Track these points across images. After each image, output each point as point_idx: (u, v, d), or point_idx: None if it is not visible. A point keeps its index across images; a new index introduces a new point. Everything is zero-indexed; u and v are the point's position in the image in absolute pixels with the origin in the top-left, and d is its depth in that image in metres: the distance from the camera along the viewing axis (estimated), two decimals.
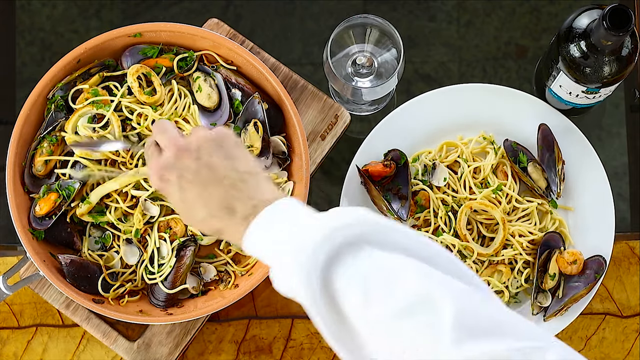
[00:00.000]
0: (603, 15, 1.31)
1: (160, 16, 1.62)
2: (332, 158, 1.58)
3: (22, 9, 1.63)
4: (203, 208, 1.16)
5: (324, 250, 1.04)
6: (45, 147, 1.45)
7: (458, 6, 1.63)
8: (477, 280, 1.05)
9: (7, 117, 1.60)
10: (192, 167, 1.17)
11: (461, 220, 1.49)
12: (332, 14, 1.62)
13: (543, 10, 1.63)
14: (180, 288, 1.45)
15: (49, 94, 1.45)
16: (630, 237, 1.57)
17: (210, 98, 1.47)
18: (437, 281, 1.02)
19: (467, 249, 1.49)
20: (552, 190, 1.52)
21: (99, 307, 1.42)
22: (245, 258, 1.50)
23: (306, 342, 1.55)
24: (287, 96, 1.46)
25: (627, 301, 1.56)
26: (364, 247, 1.05)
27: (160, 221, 1.47)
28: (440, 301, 0.99)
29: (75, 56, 1.45)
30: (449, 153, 1.54)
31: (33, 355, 1.55)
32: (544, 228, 1.52)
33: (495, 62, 1.62)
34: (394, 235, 1.06)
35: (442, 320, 0.97)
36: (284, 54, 1.61)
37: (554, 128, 1.52)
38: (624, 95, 1.61)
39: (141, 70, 1.46)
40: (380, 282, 1.02)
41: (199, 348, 1.55)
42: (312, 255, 1.04)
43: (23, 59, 1.62)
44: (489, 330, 0.97)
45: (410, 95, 1.55)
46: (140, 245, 1.47)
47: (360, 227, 1.06)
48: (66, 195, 1.44)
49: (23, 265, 1.47)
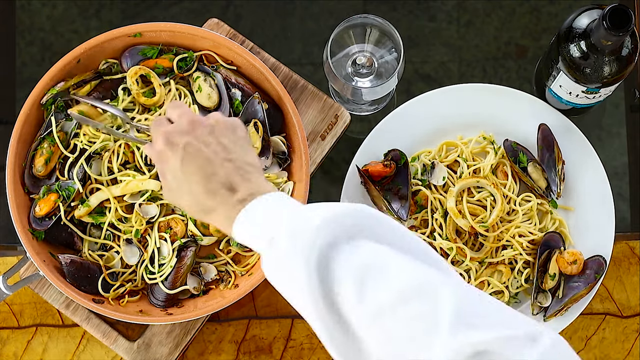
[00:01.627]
0: (603, 15, 1.31)
1: (160, 16, 1.62)
2: (332, 158, 1.58)
3: (22, 9, 1.63)
4: (198, 183, 1.15)
5: (322, 235, 1.03)
6: (46, 147, 1.45)
7: (458, 6, 1.63)
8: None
9: (7, 117, 1.60)
10: (204, 139, 1.17)
11: (450, 225, 1.49)
12: (332, 14, 1.62)
13: (543, 10, 1.63)
14: (181, 289, 1.45)
15: (42, 99, 1.45)
16: (630, 237, 1.57)
17: (210, 98, 1.47)
18: (435, 272, 1.02)
19: (459, 254, 1.49)
20: (552, 190, 1.52)
21: (99, 307, 1.42)
22: (245, 258, 1.50)
23: (306, 342, 1.56)
24: (287, 96, 1.46)
25: (627, 301, 1.55)
26: (361, 238, 1.04)
27: (160, 221, 1.47)
28: (440, 289, 0.98)
29: (75, 56, 1.45)
30: (448, 153, 1.54)
31: (33, 355, 1.55)
32: (544, 228, 1.52)
33: (495, 62, 1.62)
34: (389, 230, 1.06)
35: (441, 309, 0.97)
36: (284, 54, 1.61)
37: (554, 128, 1.52)
38: (624, 95, 1.61)
39: (140, 71, 1.46)
40: (377, 271, 1.01)
41: (199, 348, 1.55)
42: (310, 239, 1.03)
43: (23, 59, 1.62)
44: (487, 320, 0.97)
45: (410, 95, 1.55)
46: (140, 245, 1.47)
47: (358, 219, 1.05)
48: (66, 196, 1.44)
49: (23, 265, 1.47)
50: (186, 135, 1.18)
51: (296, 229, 1.05)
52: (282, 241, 1.06)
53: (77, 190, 1.44)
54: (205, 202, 1.15)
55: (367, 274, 1.01)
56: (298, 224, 1.05)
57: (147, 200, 1.45)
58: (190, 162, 1.16)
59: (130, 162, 1.47)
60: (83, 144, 1.45)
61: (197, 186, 1.15)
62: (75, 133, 1.46)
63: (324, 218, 1.04)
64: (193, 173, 1.16)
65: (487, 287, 1.50)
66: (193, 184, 1.16)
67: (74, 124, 1.46)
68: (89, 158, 1.46)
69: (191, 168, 1.16)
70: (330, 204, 1.08)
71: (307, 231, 1.04)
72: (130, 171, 1.46)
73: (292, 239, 1.05)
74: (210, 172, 1.15)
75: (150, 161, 1.46)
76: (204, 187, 1.15)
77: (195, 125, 1.19)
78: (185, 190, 1.17)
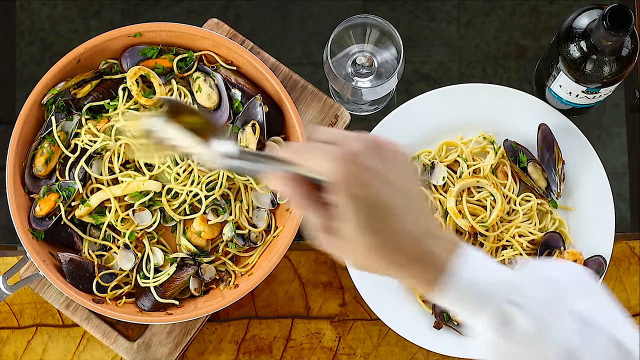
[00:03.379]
0: (603, 15, 1.31)
1: (160, 16, 1.62)
2: None
3: (22, 9, 1.63)
4: (402, 217, 0.91)
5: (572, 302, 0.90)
6: (46, 147, 1.45)
7: (458, 6, 1.63)
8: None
9: (7, 117, 1.60)
10: (392, 167, 0.92)
11: (450, 225, 1.49)
12: (332, 14, 1.62)
13: (543, 10, 1.63)
14: (169, 302, 1.45)
15: (42, 99, 1.45)
16: (630, 237, 1.57)
17: (210, 98, 1.47)
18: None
19: None
20: (552, 190, 1.52)
21: (98, 307, 1.42)
22: (244, 258, 1.50)
23: (306, 342, 1.56)
24: (287, 96, 1.46)
25: (627, 301, 1.55)
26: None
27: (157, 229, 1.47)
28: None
29: (75, 56, 1.45)
30: (448, 153, 1.54)
31: (33, 355, 1.55)
32: (544, 228, 1.52)
33: (495, 62, 1.62)
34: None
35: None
36: (284, 54, 1.61)
37: (554, 128, 1.52)
38: (624, 95, 1.61)
39: (140, 71, 1.46)
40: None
41: (199, 348, 1.55)
42: (561, 305, 0.89)
43: (23, 59, 1.62)
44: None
45: (410, 95, 1.55)
46: (136, 250, 1.46)
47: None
48: (66, 196, 1.44)
49: (23, 265, 1.47)
50: (376, 158, 0.92)
51: (543, 313, 0.89)
52: (524, 324, 0.90)
53: (78, 190, 1.44)
54: (409, 245, 0.92)
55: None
56: (544, 302, 0.90)
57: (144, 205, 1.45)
58: (383, 193, 0.91)
59: (130, 162, 1.47)
60: (84, 144, 1.45)
61: (400, 222, 0.91)
62: (76, 133, 1.46)
63: (574, 290, 0.91)
64: (393, 206, 0.91)
65: None
66: (396, 218, 0.91)
67: (74, 124, 1.46)
68: (90, 158, 1.46)
69: (389, 200, 0.91)
70: (561, 262, 0.97)
71: (558, 317, 0.90)
72: (130, 171, 1.46)
73: (540, 325, 0.89)
74: (413, 207, 0.92)
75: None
76: (403, 225, 0.91)
77: (380, 150, 0.92)
78: (388, 225, 0.91)
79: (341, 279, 1.56)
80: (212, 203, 1.46)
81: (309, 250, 1.57)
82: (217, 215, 1.46)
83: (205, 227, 1.46)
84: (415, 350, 1.55)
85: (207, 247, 1.48)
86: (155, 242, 1.48)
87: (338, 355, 1.55)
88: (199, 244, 1.47)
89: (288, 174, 0.94)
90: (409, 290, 1.52)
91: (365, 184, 0.90)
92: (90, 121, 1.46)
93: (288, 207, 1.48)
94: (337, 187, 0.90)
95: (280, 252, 1.44)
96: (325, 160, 0.90)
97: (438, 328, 1.50)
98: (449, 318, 1.49)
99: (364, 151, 0.91)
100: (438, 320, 1.49)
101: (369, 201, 0.90)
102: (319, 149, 0.91)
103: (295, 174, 0.94)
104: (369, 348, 1.55)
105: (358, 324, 1.56)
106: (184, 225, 1.49)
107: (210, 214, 1.46)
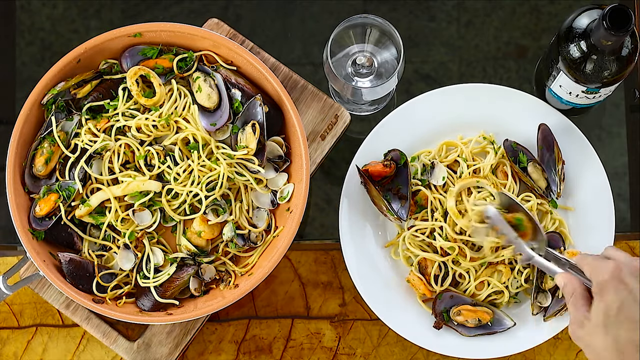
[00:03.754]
0: (603, 15, 1.31)
1: (160, 16, 1.62)
2: (332, 158, 1.58)
3: (22, 9, 1.63)
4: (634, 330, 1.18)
5: None
6: (46, 147, 1.45)
7: (458, 6, 1.63)
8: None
9: (7, 117, 1.60)
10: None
11: (450, 224, 1.49)
12: (332, 14, 1.63)
13: (543, 10, 1.63)
14: (169, 302, 1.45)
15: (43, 99, 1.45)
16: (630, 237, 1.57)
17: (210, 98, 1.47)
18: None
19: (459, 254, 1.49)
20: (552, 190, 1.52)
21: (98, 307, 1.42)
22: (244, 258, 1.50)
23: (306, 342, 1.56)
24: (287, 96, 1.46)
25: None
26: None
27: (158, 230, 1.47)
28: None
29: (75, 56, 1.45)
30: (448, 153, 1.54)
31: (33, 355, 1.55)
32: (544, 228, 1.52)
33: (495, 62, 1.62)
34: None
35: None
36: (284, 54, 1.61)
37: (554, 128, 1.52)
38: (624, 95, 1.61)
39: (140, 71, 1.46)
40: None
41: (199, 348, 1.55)
42: None
43: (23, 59, 1.62)
44: None
45: (410, 95, 1.55)
46: (136, 250, 1.46)
47: None
48: (66, 196, 1.44)
49: (23, 265, 1.47)
50: (635, 280, 1.21)
51: None
52: None
53: (78, 190, 1.44)
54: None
55: None
56: None
57: (144, 205, 1.45)
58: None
59: (130, 162, 1.47)
60: (84, 144, 1.45)
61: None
62: (76, 133, 1.46)
63: None
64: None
65: (487, 287, 1.50)
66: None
67: (74, 124, 1.46)
68: (90, 158, 1.46)
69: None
70: None
71: None
72: (130, 171, 1.46)
73: None
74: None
75: (150, 161, 1.46)
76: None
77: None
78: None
79: (341, 279, 1.56)
80: (212, 203, 1.46)
81: (309, 250, 1.57)
82: (217, 215, 1.46)
83: (205, 227, 1.46)
84: (415, 350, 1.55)
85: (207, 247, 1.48)
86: (155, 242, 1.48)
87: (338, 355, 1.55)
88: (199, 244, 1.47)
89: (575, 277, 1.29)
90: (408, 290, 1.52)
91: (617, 294, 1.20)
92: (90, 121, 1.46)
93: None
94: (597, 292, 1.22)
95: (280, 252, 1.44)
96: (598, 274, 1.23)
97: (438, 328, 1.50)
98: (449, 318, 1.49)
99: (627, 271, 1.21)
100: (438, 320, 1.49)
101: (612, 307, 1.20)
102: (598, 261, 1.24)
103: (579, 278, 1.29)
104: (369, 348, 1.55)
105: (358, 324, 1.56)
106: (184, 225, 1.49)
107: (210, 214, 1.46)
